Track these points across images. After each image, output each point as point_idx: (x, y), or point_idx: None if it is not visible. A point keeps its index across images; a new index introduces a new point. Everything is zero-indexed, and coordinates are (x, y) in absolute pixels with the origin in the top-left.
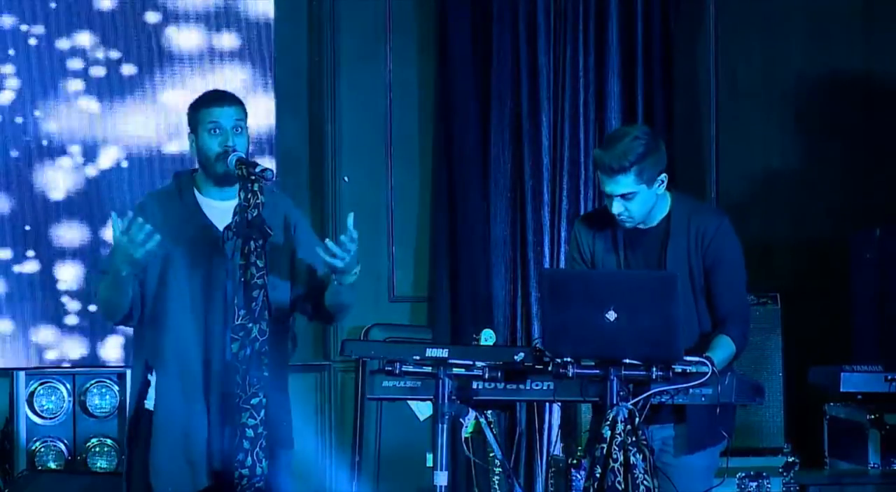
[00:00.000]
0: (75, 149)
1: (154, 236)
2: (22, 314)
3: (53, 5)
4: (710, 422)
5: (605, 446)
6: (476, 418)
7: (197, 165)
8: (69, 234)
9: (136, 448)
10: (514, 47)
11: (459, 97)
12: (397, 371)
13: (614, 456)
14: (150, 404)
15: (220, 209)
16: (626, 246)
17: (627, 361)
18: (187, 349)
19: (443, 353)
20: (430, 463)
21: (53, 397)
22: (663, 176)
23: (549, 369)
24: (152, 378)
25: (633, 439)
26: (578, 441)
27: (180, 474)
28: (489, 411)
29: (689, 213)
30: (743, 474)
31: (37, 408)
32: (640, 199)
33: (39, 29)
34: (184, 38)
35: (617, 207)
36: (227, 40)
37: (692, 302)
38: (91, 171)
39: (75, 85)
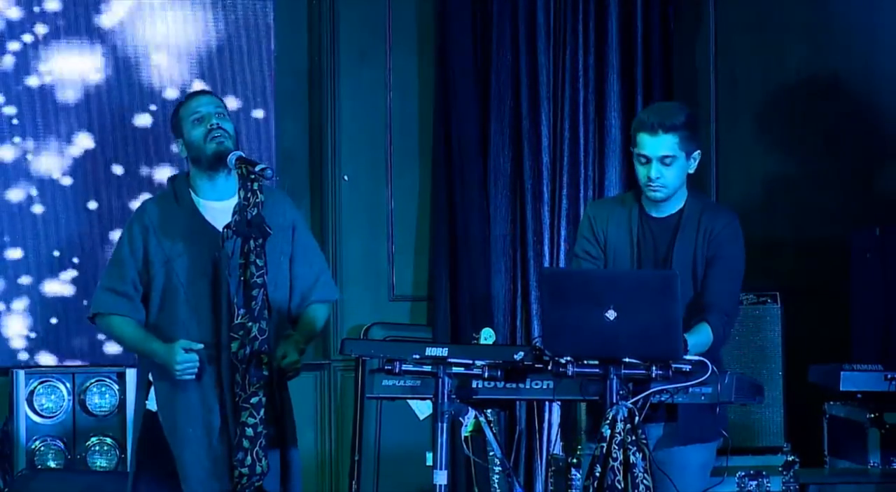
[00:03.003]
0: None
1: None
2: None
3: None
4: (701, 417)
5: (604, 444)
6: (476, 416)
7: (189, 166)
8: None
9: (140, 450)
10: (514, 46)
11: (459, 97)
12: (397, 370)
13: (614, 455)
14: (150, 404)
15: (217, 210)
16: (640, 232)
17: (627, 359)
18: (199, 351)
19: (442, 352)
20: (429, 462)
21: (53, 396)
22: (698, 153)
23: (549, 367)
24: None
25: (633, 437)
26: (578, 440)
27: (207, 475)
28: (489, 410)
29: (701, 209)
30: (742, 473)
31: (36, 407)
32: (676, 166)
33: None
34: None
35: (655, 172)
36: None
37: (692, 296)
38: None
39: None
